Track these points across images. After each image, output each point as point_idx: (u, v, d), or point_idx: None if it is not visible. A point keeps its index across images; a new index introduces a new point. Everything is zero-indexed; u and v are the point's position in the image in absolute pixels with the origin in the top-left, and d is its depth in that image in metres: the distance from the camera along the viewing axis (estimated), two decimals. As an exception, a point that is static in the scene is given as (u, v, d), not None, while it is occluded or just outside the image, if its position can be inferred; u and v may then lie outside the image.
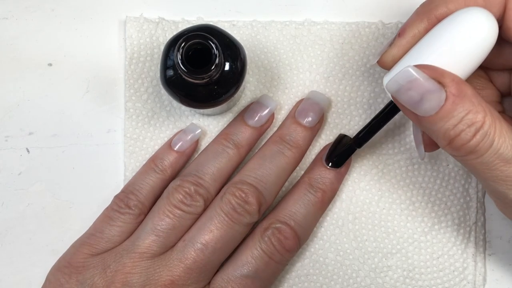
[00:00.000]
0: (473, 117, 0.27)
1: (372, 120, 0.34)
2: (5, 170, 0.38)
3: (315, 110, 0.37)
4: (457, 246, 0.38)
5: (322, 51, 0.39)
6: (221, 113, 0.38)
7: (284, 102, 0.39)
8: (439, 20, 0.30)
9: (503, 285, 0.38)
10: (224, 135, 0.37)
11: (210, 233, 0.34)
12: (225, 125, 0.38)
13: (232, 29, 0.38)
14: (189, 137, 0.37)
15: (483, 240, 0.38)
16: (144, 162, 0.38)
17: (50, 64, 0.39)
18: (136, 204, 0.35)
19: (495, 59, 0.32)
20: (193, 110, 0.38)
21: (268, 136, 0.38)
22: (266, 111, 0.37)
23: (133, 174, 0.38)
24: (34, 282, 0.38)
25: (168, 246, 0.34)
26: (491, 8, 0.29)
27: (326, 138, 0.39)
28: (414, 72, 0.28)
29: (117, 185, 0.38)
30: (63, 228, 0.38)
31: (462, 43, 0.28)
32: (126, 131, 0.38)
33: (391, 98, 0.31)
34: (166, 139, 0.38)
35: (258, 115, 0.37)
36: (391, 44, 0.32)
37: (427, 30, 0.30)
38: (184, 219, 0.34)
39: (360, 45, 0.38)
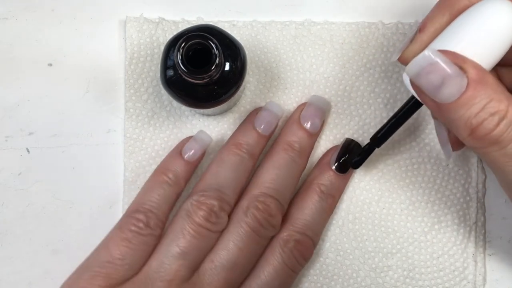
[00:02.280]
0: (496, 105, 0.26)
1: (391, 119, 0.34)
2: (5, 170, 0.38)
3: (319, 116, 0.37)
4: (457, 246, 0.38)
5: (322, 51, 0.39)
6: (221, 113, 0.38)
7: (284, 102, 0.39)
8: (461, 13, 0.29)
9: (503, 285, 0.38)
10: (237, 144, 0.35)
11: (239, 251, 0.33)
12: (225, 125, 0.38)
13: (232, 29, 0.38)
14: (200, 145, 0.35)
15: (483, 240, 0.38)
16: (144, 162, 0.38)
17: (50, 64, 0.39)
18: (157, 223, 0.33)
19: (508, 54, 0.32)
20: (193, 110, 0.38)
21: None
22: (275, 118, 0.36)
23: (133, 174, 0.38)
24: (34, 282, 0.38)
25: (194, 268, 0.32)
26: None
27: (326, 138, 0.39)
28: (435, 56, 0.27)
29: (117, 185, 0.38)
30: (63, 228, 0.38)
31: (484, 34, 0.28)
32: (126, 131, 0.38)
33: (411, 93, 0.30)
34: (166, 139, 0.38)
35: (268, 122, 0.36)
36: (411, 40, 0.31)
37: (449, 25, 0.30)
38: (210, 238, 0.33)
39: (360, 45, 0.38)
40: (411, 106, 0.32)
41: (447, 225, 0.38)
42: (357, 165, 0.36)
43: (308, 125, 0.36)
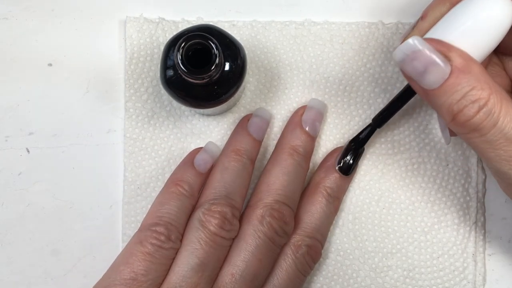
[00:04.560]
0: (478, 93, 0.27)
1: (392, 101, 0.34)
2: (5, 170, 0.38)
3: (319, 120, 0.37)
4: (457, 246, 0.38)
5: (322, 51, 0.39)
6: (221, 113, 0.38)
7: (284, 102, 0.39)
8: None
9: (503, 285, 0.38)
10: (236, 151, 0.35)
11: (259, 262, 0.33)
12: (225, 125, 0.38)
13: (232, 29, 0.38)
14: (211, 156, 0.35)
15: (483, 240, 0.38)
16: (144, 162, 0.38)
17: (50, 64, 0.39)
18: (178, 236, 0.32)
19: (510, 44, 0.32)
20: (193, 110, 0.38)
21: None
22: (266, 123, 0.37)
23: (133, 174, 0.38)
24: (34, 282, 0.38)
25: (212, 279, 0.32)
26: None
27: (326, 138, 0.39)
28: (418, 43, 0.28)
29: (117, 185, 0.38)
30: (63, 228, 0.38)
31: (478, 25, 0.28)
32: (126, 131, 0.38)
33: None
34: (166, 139, 0.38)
35: (261, 128, 0.36)
36: (413, 27, 0.31)
37: None
38: (224, 246, 0.33)
39: (360, 45, 0.38)
40: (411, 90, 0.33)
41: (447, 225, 0.38)
42: (360, 145, 0.36)
43: (310, 130, 0.36)
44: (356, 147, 0.36)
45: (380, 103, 0.38)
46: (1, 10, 0.39)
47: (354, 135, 0.38)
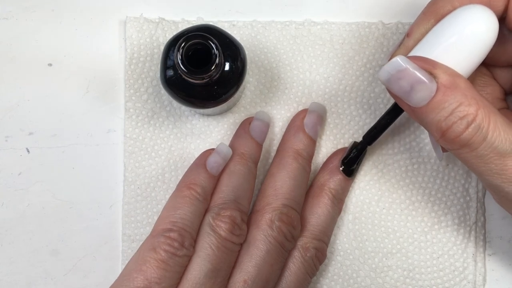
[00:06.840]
0: (465, 109, 0.27)
1: (381, 118, 0.34)
2: (5, 170, 0.38)
3: (320, 124, 0.37)
4: (457, 246, 0.38)
5: (322, 51, 0.39)
6: (221, 113, 0.38)
7: (284, 102, 0.39)
8: None
9: (503, 285, 0.38)
10: (241, 155, 0.35)
11: (270, 268, 0.33)
12: (225, 126, 0.38)
13: (232, 29, 0.38)
14: (223, 159, 0.34)
15: (483, 240, 0.38)
16: (144, 162, 0.38)
17: (50, 64, 0.39)
18: (191, 243, 0.31)
19: (498, 57, 0.32)
20: (193, 110, 0.38)
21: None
22: (267, 127, 0.37)
23: (133, 174, 0.38)
24: (34, 282, 0.38)
25: (224, 284, 0.32)
26: (496, 2, 0.29)
27: (326, 138, 0.39)
28: (403, 62, 0.28)
29: (117, 185, 0.38)
30: (63, 228, 0.38)
31: (462, 39, 0.28)
32: (126, 131, 0.38)
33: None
34: (166, 139, 0.38)
35: (263, 132, 0.36)
36: (400, 45, 0.32)
37: None
38: (234, 251, 0.33)
39: (360, 45, 0.38)
40: (397, 107, 0.33)
41: (447, 225, 0.38)
42: (349, 165, 0.36)
43: (312, 134, 0.36)
44: (347, 166, 0.36)
45: (380, 103, 0.38)
46: (1, 10, 0.39)
47: (354, 135, 0.38)
